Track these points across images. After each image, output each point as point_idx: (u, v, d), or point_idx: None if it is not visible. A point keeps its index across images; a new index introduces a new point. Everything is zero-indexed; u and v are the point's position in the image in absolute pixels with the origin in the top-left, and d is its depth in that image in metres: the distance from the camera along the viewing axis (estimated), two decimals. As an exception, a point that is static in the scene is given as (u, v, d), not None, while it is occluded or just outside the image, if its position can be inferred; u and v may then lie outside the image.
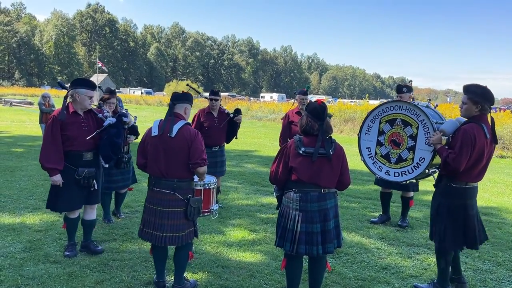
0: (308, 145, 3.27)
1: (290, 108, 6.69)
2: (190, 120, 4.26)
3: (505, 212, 6.82)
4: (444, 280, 3.77)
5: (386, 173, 4.89)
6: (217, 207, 4.87)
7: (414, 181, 4.87)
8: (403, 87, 5.61)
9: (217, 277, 3.95)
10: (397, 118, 4.81)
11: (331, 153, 3.26)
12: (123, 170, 5.24)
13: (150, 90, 70.15)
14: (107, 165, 4.39)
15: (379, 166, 4.95)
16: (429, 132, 4.52)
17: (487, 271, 4.38)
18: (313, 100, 3.56)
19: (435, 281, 3.83)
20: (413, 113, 4.67)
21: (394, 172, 4.83)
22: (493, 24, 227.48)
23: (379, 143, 4.96)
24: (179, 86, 60.21)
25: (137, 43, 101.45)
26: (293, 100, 6.87)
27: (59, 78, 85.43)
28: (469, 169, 3.56)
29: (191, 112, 3.88)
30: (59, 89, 4.18)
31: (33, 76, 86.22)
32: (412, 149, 4.69)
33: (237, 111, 6.22)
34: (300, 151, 3.26)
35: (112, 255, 4.34)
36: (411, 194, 5.77)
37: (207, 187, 4.54)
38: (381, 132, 4.96)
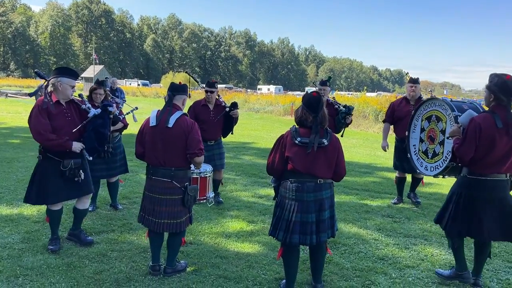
0: (304, 136, 3.30)
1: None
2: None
3: (501, 204, 6.85)
4: (459, 265, 3.86)
5: (425, 169, 5.07)
6: (213, 195, 5.03)
7: (441, 176, 4.91)
8: (417, 78, 6.34)
9: (215, 267, 3.96)
10: (433, 115, 5.00)
11: (326, 143, 3.29)
12: (107, 159, 5.11)
13: (147, 81, 69.95)
14: (90, 158, 4.25)
15: (421, 162, 5.16)
16: (454, 126, 4.60)
17: (483, 261, 4.41)
18: (309, 92, 3.57)
19: (454, 267, 3.94)
20: (443, 108, 4.81)
21: (430, 167, 4.98)
22: (490, 16, 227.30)
23: (421, 140, 5.19)
24: (176, 78, 59.95)
25: (134, 34, 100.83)
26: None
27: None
28: (481, 160, 3.53)
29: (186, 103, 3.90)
30: (41, 79, 4.08)
31: (29, 67, 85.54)
32: (442, 143, 4.85)
33: (234, 105, 5.86)
34: (296, 141, 3.30)
35: (110, 246, 4.34)
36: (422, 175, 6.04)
37: (203, 176, 4.69)
38: (422, 129, 5.20)
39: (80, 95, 4.55)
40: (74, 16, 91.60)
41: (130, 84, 60.50)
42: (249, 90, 59.12)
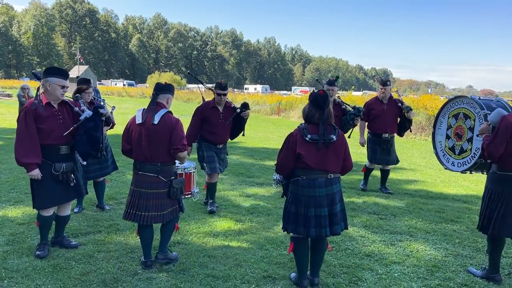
0: (313, 133, 3.44)
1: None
2: (171, 109, 4.27)
3: (484, 200, 6.99)
4: (494, 268, 3.90)
5: (452, 164, 5.22)
6: (198, 190, 5.16)
7: (468, 172, 5.05)
8: (387, 81, 6.84)
9: (203, 266, 3.97)
10: (460, 112, 5.13)
11: (334, 139, 3.45)
12: (100, 159, 5.07)
13: (133, 82, 69.46)
14: (85, 163, 4.19)
15: (447, 158, 5.30)
16: (483, 123, 4.74)
17: (467, 256, 4.50)
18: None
19: (487, 267, 3.97)
20: (472, 106, 4.94)
21: (458, 163, 5.13)
22: (473, 16, 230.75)
23: (448, 137, 5.33)
24: (162, 77, 59.69)
25: (119, 34, 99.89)
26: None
27: (38, 69, 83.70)
28: (510, 156, 3.63)
29: (173, 103, 3.94)
30: (38, 80, 4.02)
31: (11, 67, 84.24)
32: (470, 140, 4.98)
33: (245, 106, 5.60)
34: (307, 138, 3.42)
35: (97, 247, 4.31)
36: (389, 167, 7.02)
37: (188, 171, 4.80)
38: (449, 126, 5.34)
39: (76, 97, 4.51)
40: (57, 15, 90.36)
41: (115, 84, 60.06)
42: (236, 90, 59.02)
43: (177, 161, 3.96)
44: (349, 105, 6.19)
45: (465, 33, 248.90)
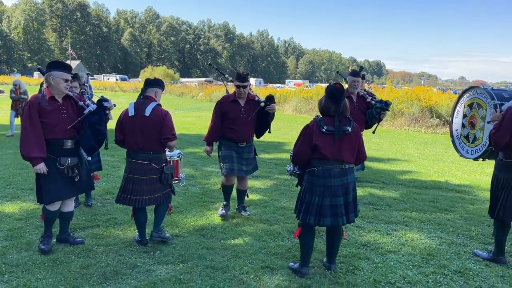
0: (329, 124, 3.55)
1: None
2: (161, 102, 4.38)
3: (477, 189, 7.10)
4: (500, 251, 4.09)
5: (466, 152, 5.38)
6: (184, 175, 5.25)
7: (481, 159, 5.21)
8: (358, 72, 5.99)
9: (202, 258, 4.01)
10: (474, 102, 5.28)
11: (349, 130, 3.57)
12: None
13: (125, 76, 68.97)
14: (89, 158, 4.18)
15: (462, 146, 5.44)
16: (496, 112, 4.88)
17: (461, 244, 4.58)
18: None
19: (492, 251, 4.17)
20: (484, 96, 5.09)
21: (471, 150, 5.29)
22: (465, 7, 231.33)
23: (463, 125, 5.47)
24: (155, 72, 59.40)
25: (110, 28, 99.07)
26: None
27: (29, 65, 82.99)
28: None
29: (167, 97, 4.03)
30: (30, 76, 4.00)
31: (2, 63, 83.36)
32: (482, 129, 5.14)
33: (270, 99, 4.93)
34: (323, 130, 3.53)
35: (96, 241, 4.33)
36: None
37: (175, 159, 4.98)
38: (464, 115, 5.47)
39: (81, 92, 4.52)
40: (48, 10, 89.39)
41: (108, 79, 59.57)
42: (229, 83, 58.77)
43: (167, 150, 4.31)
44: (375, 98, 5.79)
45: (457, 25, 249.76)
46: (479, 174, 8.43)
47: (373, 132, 5.82)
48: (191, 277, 3.63)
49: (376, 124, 5.81)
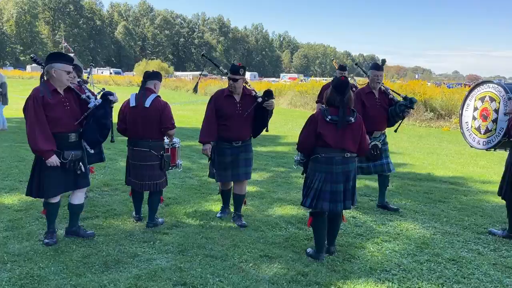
0: (333, 114, 3.74)
1: (360, 87, 5.52)
2: (159, 93, 4.58)
3: (470, 181, 7.22)
4: None
5: (478, 143, 5.60)
6: (181, 162, 5.43)
7: (493, 150, 5.46)
8: (344, 66, 6.78)
9: (202, 247, 4.08)
10: (486, 95, 5.49)
11: (353, 120, 3.76)
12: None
13: (119, 70, 68.52)
14: (92, 151, 4.15)
15: (473, 137, 5.67)
16: (507, 106, 5.06)
17: (455, 234, 4.69)
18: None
19: (506, 228, 4.61)
20: (497, 89, 5.32)
21: (483, 142, 5.51)
22: (459, 2, 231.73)
23: (474, 118, 5.67)
24: (149, 65, 59.00)
25: (104, 21, 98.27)
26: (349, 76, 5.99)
27: (22, 58, 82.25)
28: None
29: (161, 91, 4.17)
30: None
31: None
32: (495, 121, 5.35)
33: (268, 94, 4.55)
34: (327, 119, 3.73)
35: (96, 231, 4.37)
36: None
37: (173, 146, 5.16)
38: (475, 108, 5.66)
39: (79, 82, 4.53)
40: (40, 3, 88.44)
41: (102, 72, 59.08)
42: (223, 77, 58.65)
43: (165, 138, 4.66)
44: (399, 95, 5.42)
45: (451, 19, 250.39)
46: (472, 167, 8.56)
47: (395, 131, 5.62)
48: (192, 266, 3.70)
49: (399, 122, 5.46)
